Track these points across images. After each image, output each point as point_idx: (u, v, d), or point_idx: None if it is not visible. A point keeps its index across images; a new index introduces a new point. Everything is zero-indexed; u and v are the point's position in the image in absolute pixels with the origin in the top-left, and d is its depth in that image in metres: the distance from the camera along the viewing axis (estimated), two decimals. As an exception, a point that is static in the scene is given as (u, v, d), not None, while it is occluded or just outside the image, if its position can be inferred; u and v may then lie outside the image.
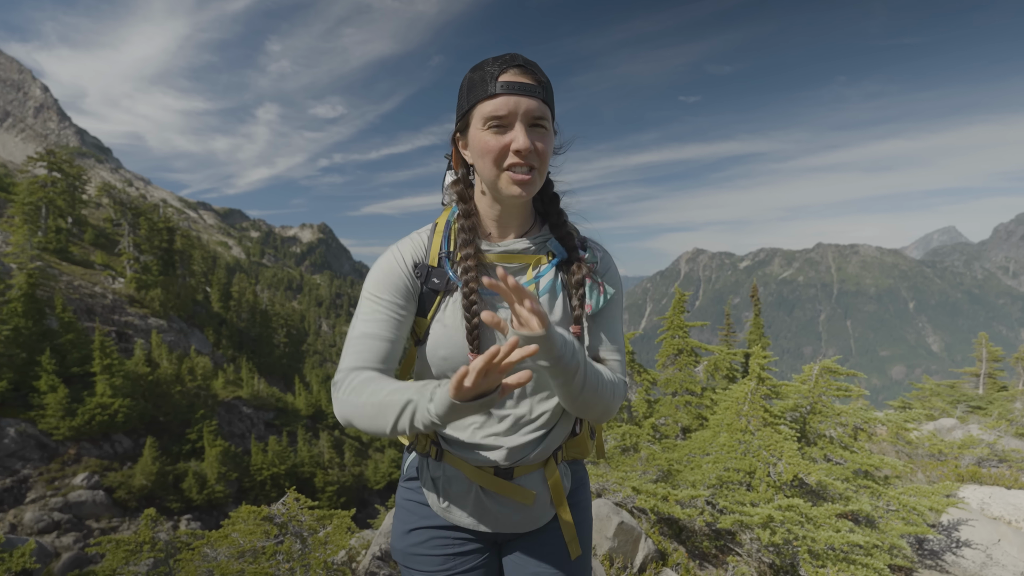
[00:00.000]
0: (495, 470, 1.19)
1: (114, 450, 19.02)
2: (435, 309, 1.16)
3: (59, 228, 29.33)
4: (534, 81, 1.04)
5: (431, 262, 1.17)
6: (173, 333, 29.95)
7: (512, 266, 1.17)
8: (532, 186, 1.07)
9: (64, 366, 19.20)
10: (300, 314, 75.02)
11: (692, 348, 8.40)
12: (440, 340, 1.15)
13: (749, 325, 17.83)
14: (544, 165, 1.08)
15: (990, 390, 15.26)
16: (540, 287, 1.17)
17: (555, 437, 1.23)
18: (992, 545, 4.56)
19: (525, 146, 1.01)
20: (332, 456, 28.79)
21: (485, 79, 1.03)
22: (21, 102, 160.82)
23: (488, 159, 1.05)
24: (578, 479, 1.36)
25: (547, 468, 1.24)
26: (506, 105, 1.01)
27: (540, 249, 1.20)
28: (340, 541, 2.97)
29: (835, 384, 5.46)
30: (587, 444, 1.34)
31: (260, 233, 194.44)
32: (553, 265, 1.19)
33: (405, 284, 1.16)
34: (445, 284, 1.15)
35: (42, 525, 15.20)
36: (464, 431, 1.18)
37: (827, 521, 3.68)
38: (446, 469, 1.22)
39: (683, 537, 4.31)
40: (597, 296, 1.20)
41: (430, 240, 1.20)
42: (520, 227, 1.20)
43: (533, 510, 1.23)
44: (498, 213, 1.17)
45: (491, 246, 1.17)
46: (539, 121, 1.04)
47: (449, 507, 1.23)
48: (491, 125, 1.03)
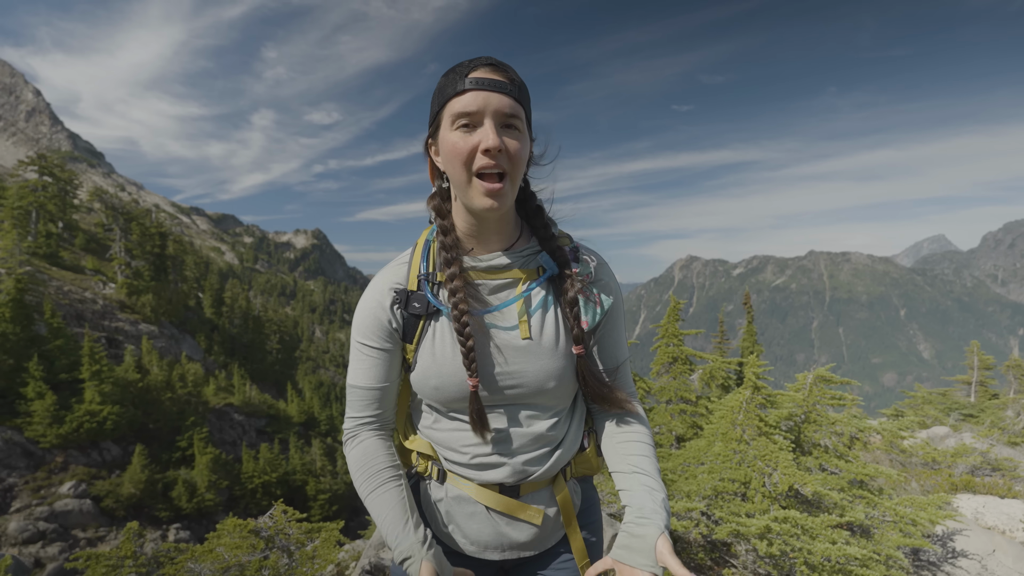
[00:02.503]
0: (500, 488, 1.14)
1: (102, 458, 18.74)
2: (419, 335, 1.11)
3: (49, 233, 29.06)
4: (505, 79, 0.98)
5: (410, 286, 1.12)
6: (164, 339, 29.66)
7: (500, 282, 1.11)
8: (504, 197, 0.99)
9: (52, 372, 18.95)
10: (293, 320, 74.58)
11: (687, 356, 8.39)
12: (429, 370, 1.10)
13: (743, 332, 17.88)
14: (517, 169, 1.00)
15: (982, 398, 15.35)
16: (532, 303, 1.11)
17: (564, 453, 1.17)
18: (987, 556, 4.55)
19: (494, 144, 0.94)
20: (324, 464, 28.52)
21: (455, 78, 0.98)
22: (13, 106, 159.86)
23: (457, 162, 0.98)
24: (588, 499, 1.29)
25: (555, 485, 1.18)
26: (475, 101, 0.95)
27: (529, 263, 1.12)
28: (328, 555, 2.90)
29: (829, 393, 5.45)
30: (595, 460, 1.28)
31: (254, 239, 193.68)
32: (544, 279, 1.12)
33: (385, 323, 1.12)
34: (426, 308, 1.09)
35: (27, 535, 14.91)
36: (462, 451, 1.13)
37: (823, 532, 3.65)
38: (449, 490, 1.16)
39: (678, 549, 4.26)
40: (593, 310, 1.14)
41: (409, 263, 1.15)
42: (504, 240, 1.12)
43: (541, 530, 1.17)
44: (477, 227, 1.08)
45: (475, 262, 1.10)
46: (511, 120, 0.98)
47: (453, 531, 1.17)
48: (460, 124, 0.97)
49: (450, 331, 1.09)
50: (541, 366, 1.09)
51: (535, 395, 1.11)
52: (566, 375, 1.12)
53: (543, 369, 1.09)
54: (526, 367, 1.09)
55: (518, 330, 1.09)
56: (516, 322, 1.09)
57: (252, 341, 42.51)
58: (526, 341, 1.09)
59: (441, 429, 1.16)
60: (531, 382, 1.10)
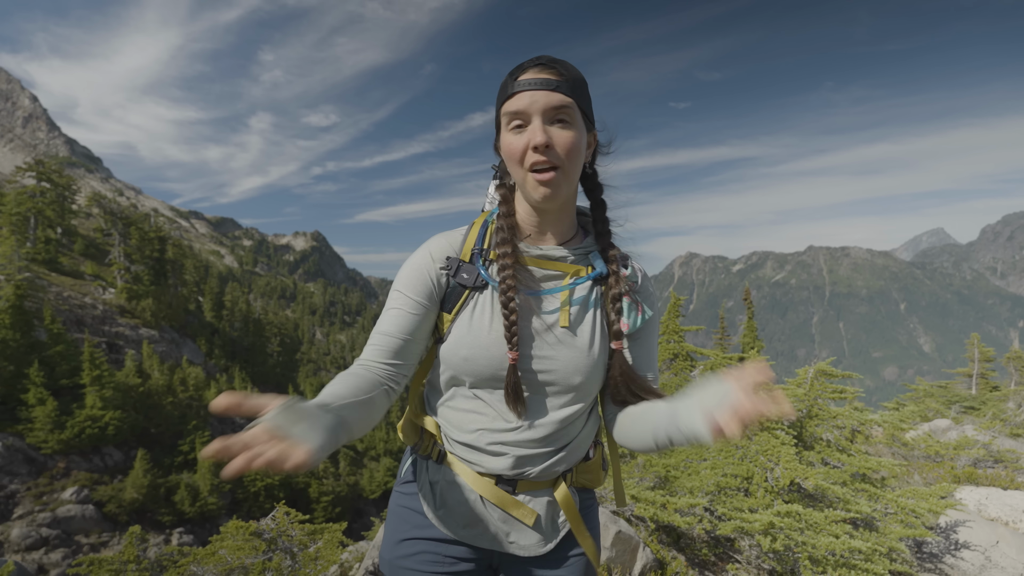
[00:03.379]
0: (497, 480, 1.14)
1: (104, 463, 18.74)
2: (460, 306, 1.14)
3: (48, 238, 29.05)
4: (555, 76, 1.02)
5: (463, 257, 1.16)
6: (165, 343, 29.65)
7: (549, 272, 1.14)
8: (557, 186, 1.04)
9: (53, 378, 18.95)
10: (294, 323, 74.61)
11: (688, 353, 8.40)
12: (463, 339, 1.12)
13: (743, 328, 17.90)
14: (570, 162, 1.03)
15: (983, 390, 15.36)
16: (573, 296, 1.14)
17: (567, 457, 1.17)
18: (991, 547, 4.55)
19: (540, 140, 0.99)
20: (327, 466, 28.55)
21: (509, 81, 1.05)
22: (9, 112, 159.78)
23: (513, 161, 1.05)
24: (586, 507, 1.27)
25: (556, 489, 1.18)
26: (521, 101, 1.01)
27: (579, 260, 1.17)
28: (331, 556, 2.89)
29: (831, 387, 5.45)
30: (599, 473, 1.27)
31: (253, 242, 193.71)
32: (591, 278, 1.15)
33: (431, 281, 1.14)
34: (474, 280, 1.13)
35: (30, 542, 14.91)
36: (470, 433, 1.14)
37: (827, 527, 3.65)
38: (446, 473, 1.17)
39: (682, 545, 4.26)
40: (635, 316, 1.16)
41: (465, 237, 1.19)
42: (560, 235, 1.17)
43: (531, 534, 1.16)
44: (536, 219, 1.14)
45: (528, 248, 1.14)
46: (560, 115, 1.02)
47: (445, 515, 1.17)
48: (514, 125, 1.03)
49: (491, 306, 1.12)
50: (572, 358, 1.11)
51: (560, 387, 1.12)
52: (594, 375, 1.13)
53: (574, 361, 1.11)
54: (558, 355, 1.11)
55: (558, 317, 1.12)
56: (558, 309, 1.13)
57: (253, 344, 42.53)
58: (563, 330, 1.12)
59: (456, 408, 1.16)
60: (560, 371, 1.11)
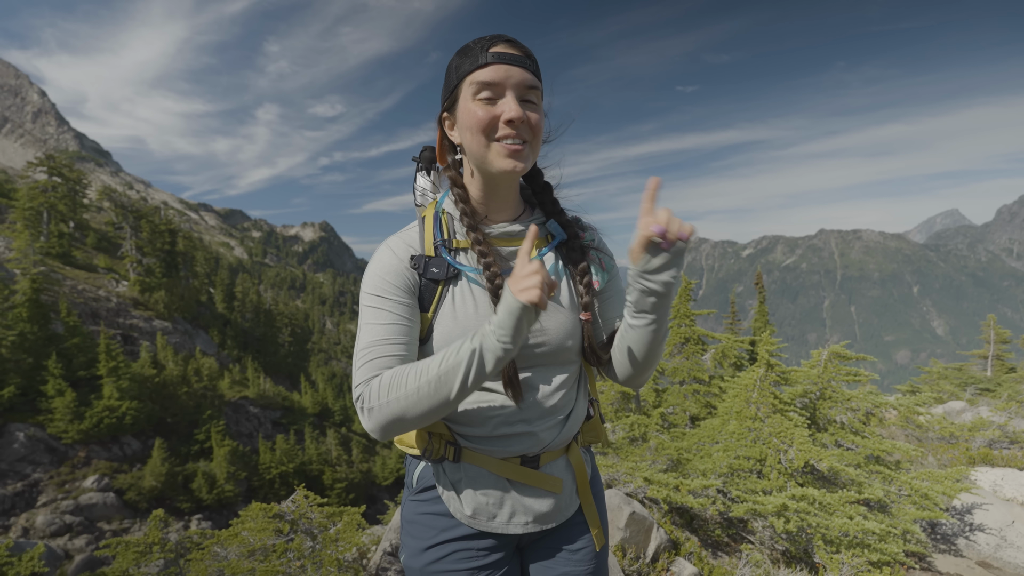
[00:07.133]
0: (521, 460, 1.14)
1: (123, 452, 19.13)
2: (436, 303, 1.11)
3: (61, 233, 29.37)
4: (524, 54, 1.02)
5: (427, 252, 1.12)
6: (178, 335, 30.04)
7: (512, 249, 1.15)
8: (525, 158, 1.04)
9: (70, 370, 19.29)
10: (304, 313, 75.17)
11: (699, 336, 8.36)
12: (451, 333, 1.08)
13: (754, 313, 17.78)
14: (536, 140, 1.05)
15: (998, 372, 15.19)
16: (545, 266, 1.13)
17: (575, 419, 1.21)
18: (1006, 527, 4.53)
19: (517, 114, 0.99)
20: (340, 453, 28.93)
21: (475, 52, 1.02)
22: (19, 107, 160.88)
23: (477, 131, 1.01)
24: (593, 467, 1.34)
25: (570, 453, 1.22)
26: (497, 73, 0.99)
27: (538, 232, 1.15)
28: (351, 538, 2.95)
29: (844, 369, 5.42)
30: (599, 429, 1.32)
31: (262, 233, 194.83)
32: (554, 246, 1.18)
33: (406, 278, 1.09)
34: (446, 272, 1.10)
35: (54, 528, 15.31)
36: (486, 425, 1.13)
37: (840, 508, 3.65)
38: (467, 470, 1.15)
39: (695, 526, 4.28)
40: (601, 272, 1.21)
41: (421, 232, 1.16)
42: (512, 212, 1.18)
43: (562, 499, 1.20)
44: (488, 196, 1.14)
45: (488, 229, 1.14)
46: (530, 94, 1.03)
47: (476, 511, 1.16)
48: (482, 96, 1.00)
49: (470, 294, 1.11)
50: (561, 323, 1.15)
51: (555, 354, 1.15)
52: (579, 334, 1.17)
53: (564, 327, 1.15)
54: (548, 324, 1.13)
55: None
56: None
57: (264, 335, 42.96)
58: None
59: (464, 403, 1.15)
60: (553, 339, 1.13)
